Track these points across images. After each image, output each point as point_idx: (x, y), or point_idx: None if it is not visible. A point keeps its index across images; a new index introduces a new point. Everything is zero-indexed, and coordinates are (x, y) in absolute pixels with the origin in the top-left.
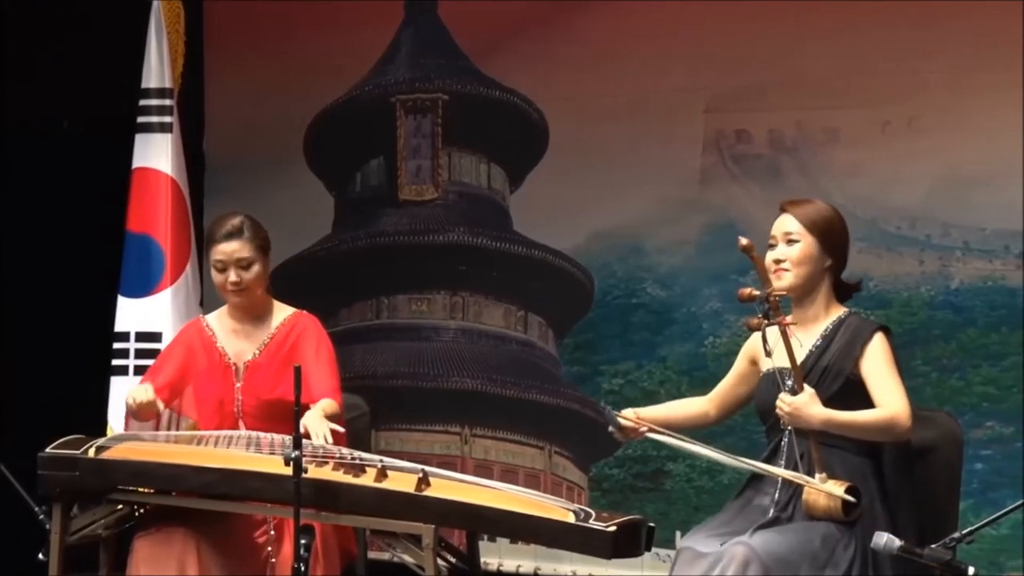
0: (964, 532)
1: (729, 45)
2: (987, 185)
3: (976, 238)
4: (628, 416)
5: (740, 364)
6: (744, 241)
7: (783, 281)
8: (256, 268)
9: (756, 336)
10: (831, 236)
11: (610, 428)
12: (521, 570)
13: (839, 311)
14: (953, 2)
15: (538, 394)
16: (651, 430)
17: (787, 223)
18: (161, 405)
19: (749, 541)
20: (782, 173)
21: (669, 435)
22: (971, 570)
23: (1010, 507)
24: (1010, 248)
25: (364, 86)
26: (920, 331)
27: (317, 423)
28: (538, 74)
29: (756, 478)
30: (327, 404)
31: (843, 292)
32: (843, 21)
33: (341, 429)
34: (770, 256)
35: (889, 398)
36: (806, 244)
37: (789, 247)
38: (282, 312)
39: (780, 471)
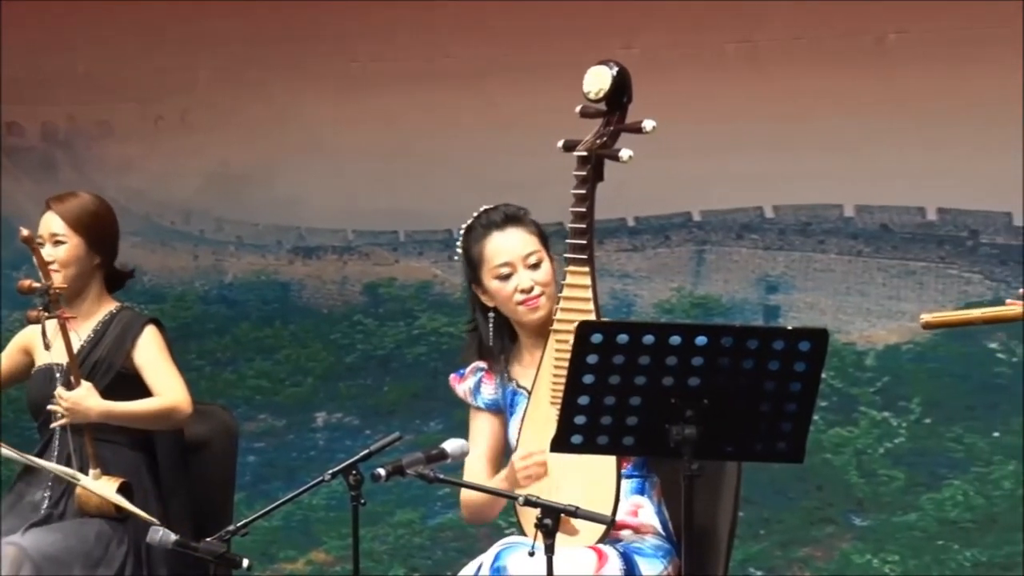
0: (238, 525)
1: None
2: (258, 181)
3: (249, 233)
4: None
5: (12, 351)
6: (25, 232)
7: (56, 280)
8: None
9: (32, 328)
10: (98, 233)
11: None
12: None
13: (111, 305)
14: (218, 3)
15: None
16: None
17: (52, 223)
18: None
19: (20, 541)
20: (55, 167)
21: None
22: (245, 562)
23: (282, 499)
24: (282, 243)
25: None
26: (194, 325)
27: None
28: None
29: (27, 473)
30: None
31: (117, 282)
32: (122, 16)
33: None
34: (46, 254)
35: (165, 386)
36: (72, 245)
37: (56, 248)
38: None
39: (57, 467)
